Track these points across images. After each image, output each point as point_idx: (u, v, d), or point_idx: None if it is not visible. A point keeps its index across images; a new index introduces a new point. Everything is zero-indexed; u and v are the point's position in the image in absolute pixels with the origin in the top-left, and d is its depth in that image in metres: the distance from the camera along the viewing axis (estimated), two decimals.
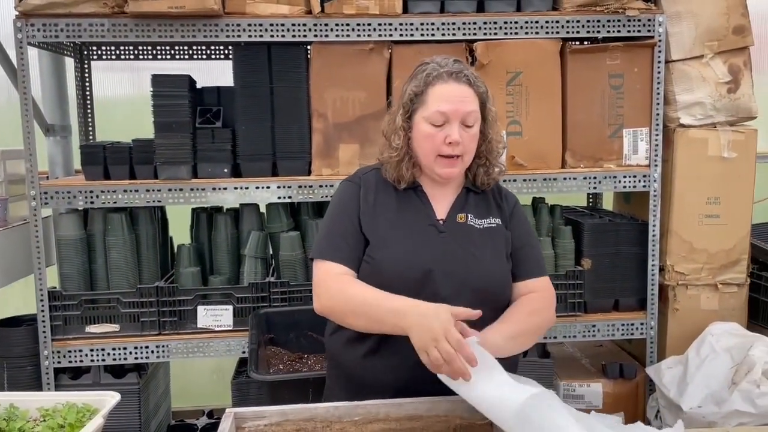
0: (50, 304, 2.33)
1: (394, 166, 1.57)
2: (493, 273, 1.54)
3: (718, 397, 2.16)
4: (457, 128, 1.49)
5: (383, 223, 1.55)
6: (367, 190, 1.59)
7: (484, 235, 1.57)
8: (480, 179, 1.62)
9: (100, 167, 2.37)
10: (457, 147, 1.50)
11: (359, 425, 1.34)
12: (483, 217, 1.59)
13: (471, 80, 1.53)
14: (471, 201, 1.61)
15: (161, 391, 2.78)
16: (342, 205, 1.59)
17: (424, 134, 1.52)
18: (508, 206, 1.65)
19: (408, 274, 1.49)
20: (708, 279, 2.52)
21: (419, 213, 1.57)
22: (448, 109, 1.49)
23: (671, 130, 2.50)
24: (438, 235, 1.55)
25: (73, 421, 1.33)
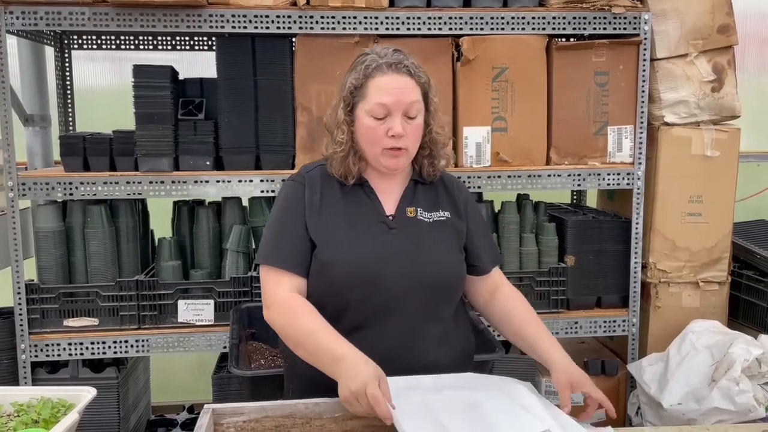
0: (27, 297, 2.30)
1: (339, 161, 1.53)
2: (444, 268, 1.53)
3: (698, 394, 2.17)
4: (399, 120, 1.46)
5: (330, 223, 1.51)
6: (312, 189, 1.55)
7: (434, 228, 1.55)
8: (425, 170, 1.59)
9: (80, 158, 2.33)
10: (401, 139, 1.47)
11: (339, 422, 1.33)
12: (433, 210, 1.57)
13: (411, 70, 1.49)
14: (420, 194, 1.59)
15: (141, 385, 2.76)
16: (287, 207, 1.55)
17: (367, 128, 1.48)
18: (461, 197, 1.64)
19: (358, 274, 1.46)
20: (690, 277, 2.53)
21: (367, 210, 1.54)
22: (388, 101, 1.45)
23: (655, 128, 2.50)
24: (388, 231, 1.52)
25: (48, 416, 1.30)
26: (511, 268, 2.50)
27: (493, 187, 2.43)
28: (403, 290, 1.47)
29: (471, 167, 2.43)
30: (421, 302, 1.49)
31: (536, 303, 2.50)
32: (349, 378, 1.28)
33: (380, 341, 1.45)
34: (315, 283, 1.50)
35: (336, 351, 1.35)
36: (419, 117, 1.50)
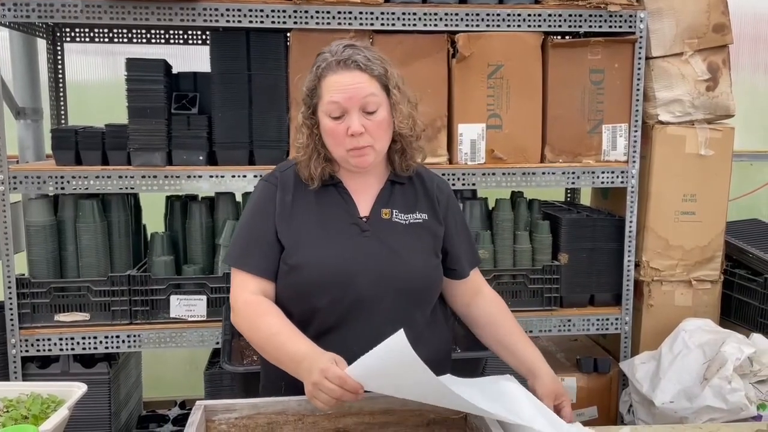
0: (18, 292, 2.28)
1: (303, 165, 1.49)
2: (418, 273, 1.48)
3: (689, 392, 2.18)
4: (357, 118, 1.40)
5: (301, 225, 1.47)
6: (284, 190, 1.50)
7: (410, 231, 1.50)
8: (397, 166, 1.53)
9: (72, 152, 2.31)
10: (362, 137, 1.40)
11: (332, 419, 1.32)
12: (409, 212, 1.52)
13: (362, 65, 1.41)
14: (396, 194, 1.53)
15: (132, 380, 2.74)
16: (257, 209, 1.51)
17: (327, 129, 1.43)
18: (441, 197, 1.58)
19: (328, 278, 1.43)
20: (683, 275, 2.54)
21: (340, 211, 1.49)
22: (340, 98, 1.40)
23: (650, 127, 2.50)
24: (360, 234, 1.47)
25: (38, 412, 1.29)
26: (505, 266, 2.50)
27: (488, 184, 2.43)
28: (373, 295, 1.43)
29: (465, 164, 2.42)
30: (392, 307, 1.45)
31: (529, 300, 2.51)
32: (310, 372, 1.26)
33: (349, 345, 1.40)
34: (283, 287, 1.47)
35: (297, 352, 1.32)
36: (380, 111, 1.43)
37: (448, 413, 1.34)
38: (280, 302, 1.48)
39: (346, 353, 1.38)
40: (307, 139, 1.47)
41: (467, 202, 2.55)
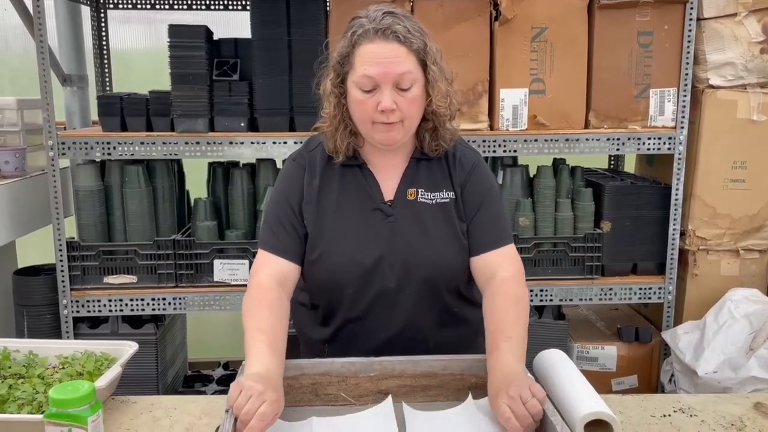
0: (69, 255, 2.35)
1: (329, 136, 1.40)
2: (444, 258, 1.41)
3: (734, 363, 2.15)
4: (389, 93, 1.30)
5: (325, 214, 1.41)
6: (312, 173, 1.43)
7: (436, 212, 1.42)
8: (427, 145, 1.42)
9: (117, 118, 2.35)
10: (393, 114, 1.31)
11: (374, 380, 1.34)
12: (435, 191, 1.43)
13: (401, 36, 1.30)
14: (422, 172, 1.44)
15: (178, 342, 2.82)
16: (285, 191, 1.44)
17: (356, 101, 1.33)
18: (462, 172, 1.45)
19: (352, 270, 1.39)
20: (730, 244, 2.48)
21: (364, 195, 1.42)
22: (375, 72, 1.29)
23: (700, 91, 2.42)
24: (385, 219, 1.40)
25: (92, 369, 1.34)
26: (546, 234, 2.48)
27: (530, 151, 2.39)
28: (399, 284, 1.40)
29: (507, 131, 2.39)
30: (419, 293, 1.41)
31: (570, 269, 2.49)
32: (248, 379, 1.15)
33: (377, 333, 1.41)
34: (309, 277, 1.44)
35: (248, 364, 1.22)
36: (415, 88, 1.33)
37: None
38: (307, 290, 1.47)
39: (374, 341, 1.41)
40: (334, 109, 1.38)
41: (508, 169, 2.51)
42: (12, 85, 3.34)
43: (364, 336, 1.39)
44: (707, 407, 1.37)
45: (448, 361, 1.35)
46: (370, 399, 1.33)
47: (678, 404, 1.39)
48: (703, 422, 1.31)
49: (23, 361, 1.38)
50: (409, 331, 1.42)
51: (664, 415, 1.34)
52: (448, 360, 1.35)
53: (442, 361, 1.35)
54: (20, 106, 2.62)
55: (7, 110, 2.62)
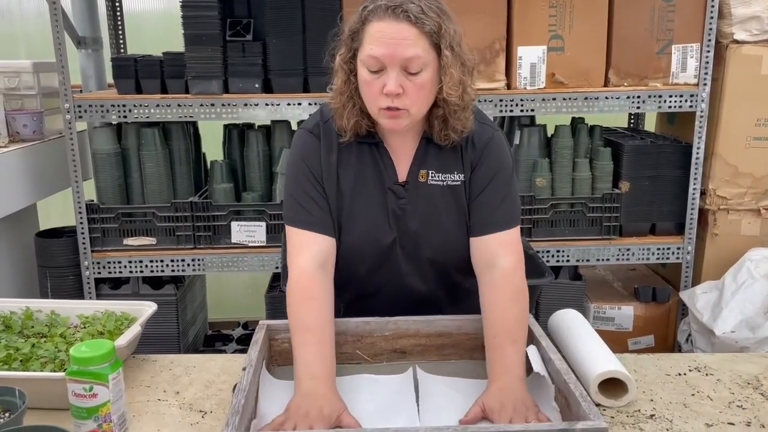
0: (88, 217, 2.38)
1: (338, 113, 1.34)
2: (454, 241, 1.38)
3: (752, 322, 2.13)
4: (395, 76, 1.22)
5: (344, 190, 1.37)
6: (328, 147, 1.37)
7: (447, 195, 1.38)
8: (436, 133, 1.35)
9: (132, 81, 2.35)
10: (398, 98, 1.24)
11: (389, 340, 1.35)
12: (446, 172, 1.38)
13: (413, 16, 1.21)
14: (432, 152, 1.38)
15: (198, 302, 2.87)
16: (305, 163, 1.37)
17: (363, 81, 1.27)
18: (474, 153, 1.38)
19: (365, 250, 1.37)
20: (751, 204, 2.44)
21: (379, 175, 1.37)
22: (381, 53, 1.21)
23: (723, 47, 2.36)
24: (396, 201, 1.37)
25: (112, 328, 1.37)
26: (563, 194, 2.46)
27: (547, 110, 2.36)
28: (410, 264, 1.39)
29: (524, 89, 2.35)
30: (429, 273, 1.41)
31: (587, 229, 2.47)
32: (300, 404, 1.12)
33: (389, 308, 1.41)
34: None
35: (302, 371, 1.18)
36: (424, 73, 1.24)
37: None
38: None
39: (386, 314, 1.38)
40: (344, 85, 1.31)
41: (525, 129, 2.48)
42: (27, 48, 3.34)
43: (375, 314, 1.39)
44: (723, 366, 1.37)
45: (462, 321, 1.36)
46: (385, 358, 1.35)
47: (694, 363, 1.38)
48: (719, 381, 1.31)
49: (45, 321, 1.41)
50: (421, 309, 1.42)
51: (679, 374, 1.34)
52: (462, 320, 1.36)
53: (456, 321, 1.36)
54: (36, 69, 2.63)
55: (24, 73, 2.62)
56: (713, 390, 1.27)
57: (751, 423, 1.16)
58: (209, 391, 1.30)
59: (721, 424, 1.16)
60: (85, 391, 1.08)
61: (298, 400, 1.13)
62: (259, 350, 1.23)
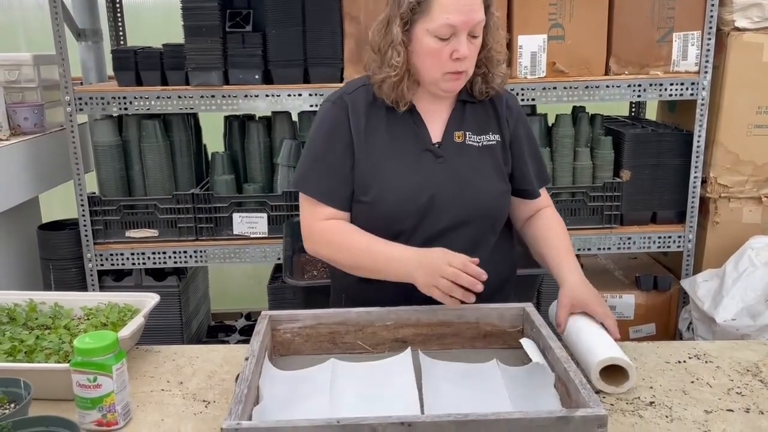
0: (90, 209, 2.39)
1: (391, 86, 1.38)
2: (493, 199, 1.45)
3: (753, 310, 2.14)
4: (465, 41, 1.32)
5: (376, 156, 1.41)
6: (356, 115, 1.42)
7: (484, 154, 1.44)
8: (477, 88, 1.44)
9: (132, 73, 2.35)
10: (465, 62, 1.34)
11: (391, 329, 1.36)
12: (482, 133, 1.45)
13: None
14: (468, 115, 1.46)
15: (201, 293, 2.88)
16: (329, 134, 1.43)
17: (429, 49, 1.34)
18: (511, 116, 1.49)
19: (405, 211, 1.40)
20: (752, 192, 2.44)
21: (414, 137, 1.43)
22: (458, 20, 1.30)
23: (725, 34, 2.35)
24: (435, 161, 1.42)
25: (116, 320, 1.38)
26: (564, 183, 2.46)
27: (548, 99, 2.35)
28: (450, 223, 1.42)
29: (525, 78, 2.34)
30: (467, 232, 1.44)
31: (588, 218, 2.47)
32: (423, 265, 1.30)
33: None
34: (362, 216, 1.44)
35: (398, 255, 1.35)
36: (480, 36, 1.37)
37: (503, 326, 1.36)
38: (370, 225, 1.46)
39: None
40: (402, 58, 1.37)
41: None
42: (27, 41, 3.34)
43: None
44: (723, 353, 1.38)
45: (462, 310, 1.36)
46: (387, 347, 1.36)
47: (693, 350, 1.39)
48: (718, 368, 1.32)
49: (49, 313, 1.42)
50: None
51: (679, 362, 1.34)
52: (463, 309, 1.36)
53: (457, 310, 1.36)
54: (36, 62, 2.63)
55: (24, 66, 2.63)
56: (713, 377, 1.28)
57: (750, 409, 1.17)
58: (212, 381, 1.31)
59: (720, 410, 1.17)
60: (89, 382, 1.09)
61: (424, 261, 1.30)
62: (262, 340, 1.24)
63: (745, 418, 1.14)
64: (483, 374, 1.23)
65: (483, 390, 1.18)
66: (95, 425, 1.11)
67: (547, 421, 0.96)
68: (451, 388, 1.19)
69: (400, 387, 1.18)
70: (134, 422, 1.16)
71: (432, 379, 1.20)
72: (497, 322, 1.36)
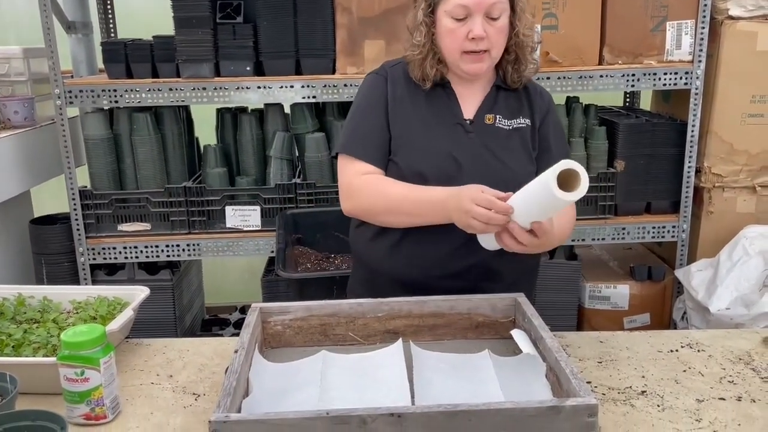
0: (82, 203, 2.38)
1: (417, 64, 1.49)
2: (518, 177, 1.43)
3: (747, 299, 2.14)
4: (480, 21, 1.40)
5: (409, 120, 1.49)
6: (394, 83, 1.52)
7: (512, 136, 1.50)
8: (509, 77, 1.52)
9: (123, 65, 2.33)
10: (482, 42, 1.41)
11: (382, 321, 1.35)
12: (512, 117, 1.52)
13: None
14: (501, 100, 1.53)
15: (194, 287, 2.87)
16: (369, 99, 1.53)
17: (446, 30, 1.43)
18: (542, 103, 1.56)
19: (432, 176, 1.44)
20: (746, 181, 2.43)
21: (446, 111, 1.50)
22: (469, 1, 1.39)
23: (718, 23, 2.34)
24: (465, 135, 1.48)
25: (105, 313, 1.37)
26: None
27: None
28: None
29: None
30: None
31: (583, 209, 2.46)
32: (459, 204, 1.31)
33: (444, 242, 1.45)
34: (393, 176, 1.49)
35: (440, 195, 1.37)
36: (503, 18, 1.43)
37: (496, 316, 1.36)
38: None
39: (448, 248, 1.45)
40: (424, 38, 1.47)
41: None
42: (17, 34, 3.31)
43: (431, 243, 1.45)
44: (715, 342, 1.37)
45: (454, 301, 1.36)
46: (378, 339, 1.35)
47: (686, 339, 1.39)
48: (710, 357, 1.31)
49: (38, 307, 1.41)
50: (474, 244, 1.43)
51: (671, 350, 1.34)
52: (454, 300, 1.36)
53: (449, 301, 1.35)
54: (26, 55, 2.61)
55: (14, 59, 2.61)
56: (705, 366, 1.28)
57: (741, 398, 1.16)
58: (202, 374, 1.30)
59: (712, 399, 1.16)
60: (76, 376, 1.08)
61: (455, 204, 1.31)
62: (252, 333, 1.23)
63: (736, 406, 1.14)
64: (474, 365, 1.22)
65: (474, 381, 1.17)
66: (83, 419, 1.10)
67: (538, 411, 0.95)
68: (442, 378, 1.18)
69: (390, 378, 1.17)
70: (123, 416, 1.15)
71: (423, 370, 1.19)
72: (489, 313, 1.36)
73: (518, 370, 1.17)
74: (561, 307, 2.53)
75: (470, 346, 1.31)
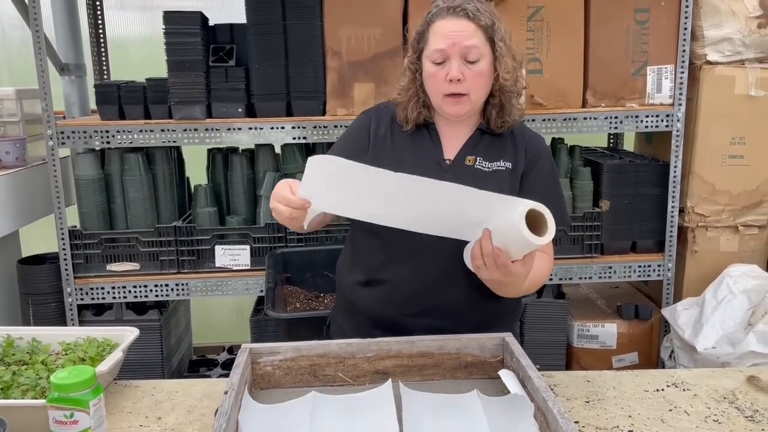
0: (71, 243, 2.38)
1: (402, 106, 1.54)
2: None
3: (733, 338, 2.16)
4: (457, 65, 1.42)
5: (387, 158, 1.51)
6: (379, 123, 1.57)
7: (490, 177, 1.49)
8: (494, 121, 1.53)
9: (115, 107, 2.37)
10: (460, 84, 1.43)
11: (372, 361, 1.36)
12: (494, 160, 1.51)
13: (470, 14, 1.43)
14: (484, 143, 1.53)
15: (182, 327, 2.86)
16: (351, 132, 1.60)
17: (428, 74, 1.47)
18: (531, 149, 1.54)
19: None
20: (729, 221, 2.48)
21: (427, 152, 1.52)
22: (444, 45, 1.43)
23: (697, 68, 2.41)
24: (440, 173, 1.46)
25: (94, 354, 1.36)
26: None
27: None
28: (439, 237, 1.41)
29: None
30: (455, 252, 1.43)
31: (570, 248, 2.50)
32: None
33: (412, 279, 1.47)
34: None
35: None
36: (482, 62, 1.44)
37: (484, 356, 1.37)
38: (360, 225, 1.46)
39: (419, 281, 1.47)
40: (409, 83, 1.52)
41: None
42: (10, 75, 3.35)
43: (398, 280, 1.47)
44: (701, 381, 1.39)
45: (443, 341, 1.37)
46: (368, 379, 1.35)
47: (672, 379, 1.40)
48: (695, 396, 1.33)
49: (26, 348, 1.41)
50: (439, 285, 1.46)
51: (657, 390, 1.35)
52: (443, 339, 1.37)
53: (438, 341, 1.36)
54: (19, 96, 2.64)
55: (6, 100, 2.63)
56: (690, 405, 1.29)
57: None
58: (191, 416, 1.29)
59: None
60: (65, 418, 1.07)
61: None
62: (241, 374, 1.23)
63: None
64: (463, 405, 1.23)
65: (463, 421, 1.17)
66: None
67: None
68: (431, 419, 1.18)
69: (380, 419, 1.17)
70: None
71: (413, 410, 1.19)
72: (478, 353, 1.37)
73: (507, 411, 1.18)
74: (550, 346, 2.54)
75: (459, 387, 1.32)
